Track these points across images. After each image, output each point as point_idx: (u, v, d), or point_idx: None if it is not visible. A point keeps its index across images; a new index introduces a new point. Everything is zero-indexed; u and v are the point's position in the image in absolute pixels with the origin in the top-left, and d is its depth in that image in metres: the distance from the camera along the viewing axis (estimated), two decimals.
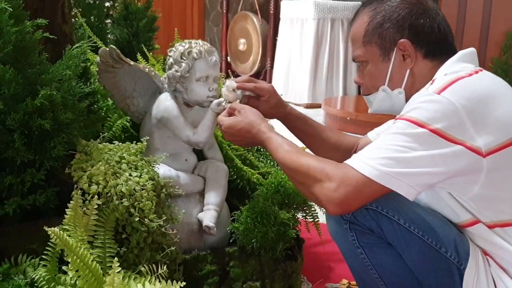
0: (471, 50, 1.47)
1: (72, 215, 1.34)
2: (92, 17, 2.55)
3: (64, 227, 1.32)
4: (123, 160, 1.52)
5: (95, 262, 1.27)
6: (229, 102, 1.66)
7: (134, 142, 1.66)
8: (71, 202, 1.36)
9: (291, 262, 1.76)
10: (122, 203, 1.41)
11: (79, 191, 1.39)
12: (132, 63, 1.72)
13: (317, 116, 5.21)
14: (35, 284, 1.27)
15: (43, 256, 1.32)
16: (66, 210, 1.34)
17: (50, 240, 1.25)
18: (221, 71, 6.71)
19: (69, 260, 1.24)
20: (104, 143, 1.59)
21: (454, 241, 1.37)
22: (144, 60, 2.19)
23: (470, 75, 1.35)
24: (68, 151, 1.48)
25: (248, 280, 1.71)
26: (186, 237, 1.72)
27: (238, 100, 1.67)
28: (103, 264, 1.35)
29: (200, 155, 1.88)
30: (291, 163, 1.41)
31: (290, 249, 1.78)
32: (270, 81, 6.38)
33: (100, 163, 1.47)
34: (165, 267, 1.35)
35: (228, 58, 7.18)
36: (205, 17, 8.02)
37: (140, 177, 1.50)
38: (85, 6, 2.61)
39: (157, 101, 1.75)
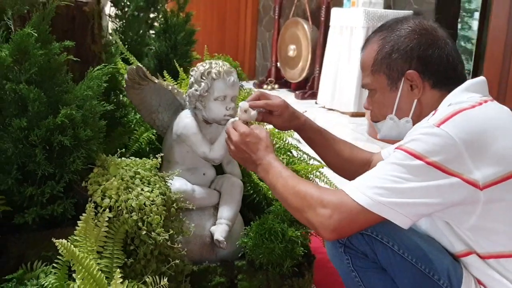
0: (480, 79, 1.47)
1: (84, 226, 1.44)
2: (130, 31, 2.67)
3: (75, 237, 1.42)
4: (137, 175, 1.61)
5: (100, 272, 1.36)
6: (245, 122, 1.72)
7: (154, 155, 1.74)
8: (83, 214, 1.46)
9: (298, 279, 1.81)
10: (131, 216, 1.50)
11: (93, 203, 1.49)
12: (156, 81, 1.83)
13: (362, 125, 5.21)
14: None
15: (54, 264, 1.42)
16: (78, 221, 1.44)
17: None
18: (270, 77, 6.82)
19: (75, 269, 1.33)
20: (122, 158, 1.68)
21: (447, 269, 1.39)
22: (169, 80, 2.27)
23: (473, 107, 1.35)
24: (87, 165, 1.59)
25: None
26: (199, 249, 1.82)
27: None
28: (110, 273, 1.43)
29: (220, 169, 1.96)
30: (289, 189, 1.45)
31: (298, 266, 1.84)
32: (317, 88, 6.41)
33: (114, 178, 1.56)
34: (166, 279, 1.43)
35: (278, 63, 7.25)
36: (258, 22, 8.13)
37: (151, 192, 1.58)
38: (127, 19, 2.73)
39: (178, 117, 1.85)
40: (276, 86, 7.26)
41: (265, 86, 7.25)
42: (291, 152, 2.25)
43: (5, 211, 1.52)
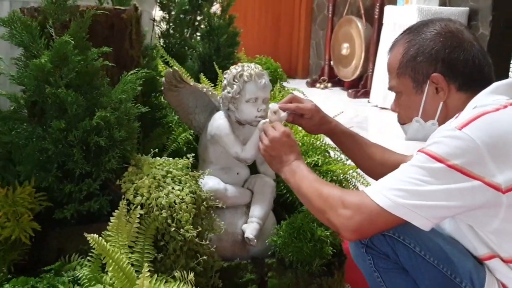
0: (508, 81, 1.45)
1: (116, 222, 1.53)
2: (174, 34, 2.75)
3: (108, 232, 1.51)
4: (168, 174, 1.69)
5: (129, 265, 1.44)
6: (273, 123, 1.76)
7: (190, 155, 1.82)
8: (116, 210, 1.55)
9: (327, 278, 1.84)
10: (161, 214, 1.58)
11: (125, 201, 1.57)
12: (192, 83, 1.92)
13: None
14: (78, 282, 1.46)
15: (88, 257, 1.52)
16: (111, 217, 1.53)
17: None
18: (323, 75, 6.78)
19: (106, 263, 1.42)
20: (156, 158, 1.76)
21: (469, 272, 1.39)
22: (206, 82, 2.34)
23: (497, 109, 1.34)
24: (123, 165, 1.68)
25: None
26: (231, 246, 1.89)
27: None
28: (140, 267, 1.50)
29: (255, 169, 2.02)
30: (313, 190, 1.48)
31: (328, 265, 1.87)
32: (370, 87, 6.34)
33: (146, 176, 1.64)
34: (192, 274, 1.49)
35: (331, 62, 7.23)
36: (312, 21, 8.12)
37: (181, 190, 1.65)
38: (175, 21, 2.81)
39: (212, 119, 1.92)
40: (329, 84, 7.20)
41: (317, 85, 7.21)
42: (328, 153, 2.27)
43: (46, 206, 1.64)
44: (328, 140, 2.18)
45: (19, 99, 1.61)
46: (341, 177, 2.19)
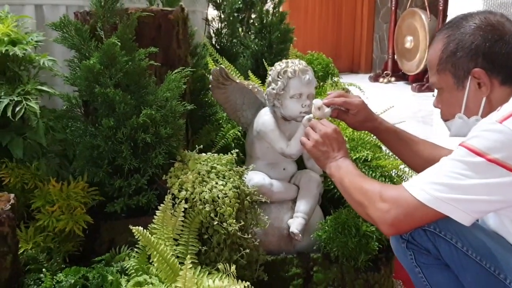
0: None
1: (162, 215, 1.60)
2: (226, 32, 2.80)
3: (153, 225, 1.58)
4: (213, 170, 1.75)
5: (173, 257, 1.50)
6: (319, 118, 1.77)
7: (238, 151, 1.87)
8: (161, 204, 1.62)
9: (374, 273, 1.84)
10: (205, 208, 1.63)
11: (171, 195, 1.64)
12: (238, 80, 1.96)
13: None
14: (126, 272, 1.54)
15: (135, 249, 1.59)
16: (156, 211, 1.60)
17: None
18: (387, 69, 6.60)
19: (151, 254, 1.49)
20: (202, 154, 1.82)
21: None
22: (254, 79, 2.36)
23: None
24: (169, 160, 1.74)
25: (329, 286, 1.84)
26: (277, 241, 1.92)
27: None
28: (184, 259, 1.52)
29: (302, 164, 2.04)
30: (354, 184, 1.49)
31: (375, 260, 1.87)
32: None
33: (191, 172, 1.70)
34: (234, 266, 1.53)
35: (395, 56, 7.09)
36: (375, 14, 8.00)
37: (225, 185, 1.70)
38: (228, 20, 2.86)
39: (258, 115, 1.96)
40: (393, 79, 7.05)
41: (381, 80, 7.08)
42: (380, 148, 2.25)
43: (99, 201, 1.73)
44: None
45: (71, 98, 1.71)
46: (393, 173, 2.16)
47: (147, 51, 1.73)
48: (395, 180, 2.12)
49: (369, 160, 2.13)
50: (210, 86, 2.01)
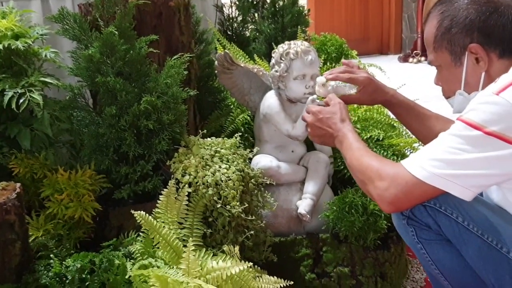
0: None
1: (165, 200, 1.62)
2: (236, 18, 2.78)
3: (157, 210, 1.61)
4: (216, 154, 1.77)
5: (176, 240, 1.53)
6: (323, 98, 1.76)
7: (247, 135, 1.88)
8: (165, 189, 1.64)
9: (383, 252, 1.84)
10: (207, 191, 1.66)
11: (174, 180, 1.67)
12: (243, 64, 1.97)
13: None
14: (132, 255, 1.58)
15: (141, 233, 1.61)
16: (160, 196, 1.62)
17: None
18: (416, 49, 6.47)
19: (154, 237, 1.52)
20: (206, 139, 1.84)
21: None
22: (261, 63, 2.35)
23: None
24: (173, 146, 1.77)
25: (339, 265, 1.84)
26: (286, 222, 1.94)
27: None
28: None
29: (312, 146, 2.05)
30: (355, 162, 1.48)
31: (385, 239, 1.86)
32: None
33: (194, 156, 1.73)
34: (237, 247, 1.56)
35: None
36: None
37: (228, 169, 1.72)
38: (238, 5, 2.85)
39: (263, 98, 1.98)
40: (422, 58, 6.94)
41: (410, 60, 7.00)
42: (393, 127, 2.22)
43: (108, 188, 1.78)
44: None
45: (74, 89, 1.76)
46: (407, 151, 2.14)
47: (148, 39, 1.76)
48: None
49: (381, 139, 2.12)
50: (216, 71, 2.04)
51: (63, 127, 1.75)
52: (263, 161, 1.90)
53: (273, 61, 1.92)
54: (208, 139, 1.86)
